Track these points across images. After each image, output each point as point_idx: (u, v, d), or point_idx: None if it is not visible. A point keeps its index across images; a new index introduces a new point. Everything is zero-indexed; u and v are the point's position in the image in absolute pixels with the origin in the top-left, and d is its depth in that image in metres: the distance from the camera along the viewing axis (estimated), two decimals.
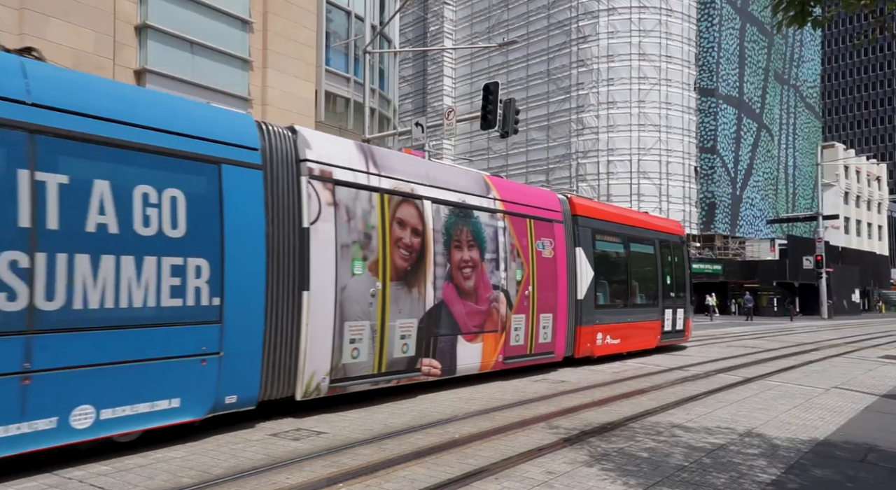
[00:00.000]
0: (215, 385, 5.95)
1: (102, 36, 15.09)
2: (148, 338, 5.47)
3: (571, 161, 46.59)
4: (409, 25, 55.38)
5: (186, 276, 5.73)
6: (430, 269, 8.48)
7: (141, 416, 5.41)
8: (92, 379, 5.09)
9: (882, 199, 75.91)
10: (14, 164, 4.72)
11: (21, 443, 4.69)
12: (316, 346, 6.95)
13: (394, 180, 8.10)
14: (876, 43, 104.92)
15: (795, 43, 69.17)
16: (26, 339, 4.73)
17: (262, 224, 6.39)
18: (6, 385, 4.62)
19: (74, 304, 4.99)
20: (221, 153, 6.10)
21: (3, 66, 4.87)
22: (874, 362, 14.27)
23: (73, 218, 5.02)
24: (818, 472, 5.31)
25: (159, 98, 6.13)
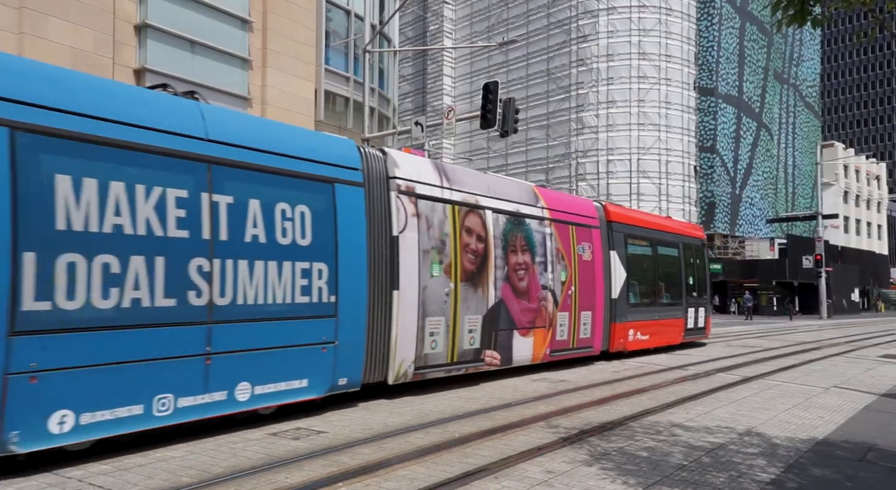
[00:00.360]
0: (332, 369, 7.16)
1: (102, 35, 15.07)
2: (286, 329, 6.68)
3: (571, 160, 46.58)
4: (409, 24, 55.35)
5: (312, 278, 6.93)
6: (492, 271, 9.65)
7: (280, 392, 6.61)
8: (249, 361, 6.31)
9: (881, 198, 75.93)
10: (198, 188, 5.93)
11: (204, 410, 5.92)
12: (404, 337, 8.15)
13: (462, 193, 9.28)
14: (875, 42, 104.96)
15: (795, 42, 69.16)
16: (208, 327, 5.96)
17: (363, 233, 7.62)
18: (195, 364, 5.86)
19: (238, 301, 6.20)
20: (335, 174, 7.34)
21: (187, 111, 6.12)
22: (873, 361, 14.28)
23: (236, 231, 6.22)
24: (817, 471, 5.31)
25: (292, 130, 7.49)
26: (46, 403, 4.90)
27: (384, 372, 8.01)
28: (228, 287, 6.11)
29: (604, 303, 12.48)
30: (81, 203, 5.14)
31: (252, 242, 6.35)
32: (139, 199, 5.51)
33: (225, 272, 6.08)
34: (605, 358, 12.85)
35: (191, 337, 5.84)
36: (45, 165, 4.99)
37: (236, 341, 6.19)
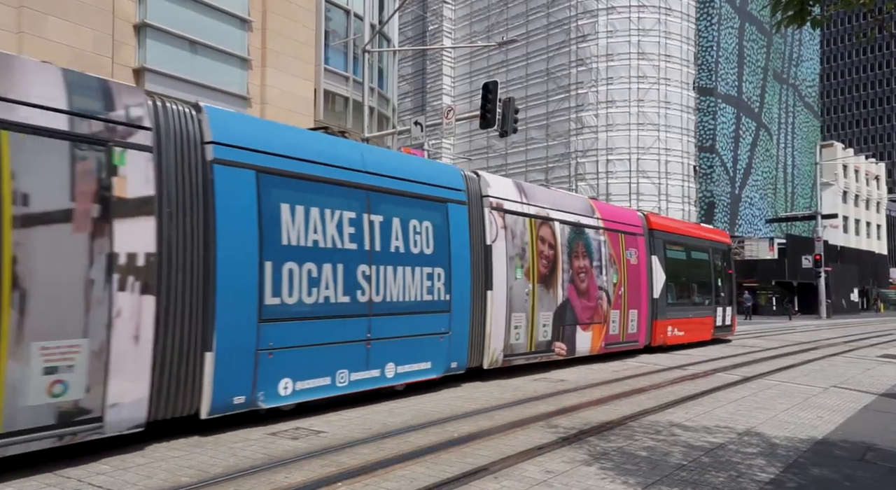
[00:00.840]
0: (447, 354, 8.85)
1: (101, 34, 15.07)
2: (417, 321, 8.34)
3: (571, 160, 46.59)
4: (409, 24, 55.33)
5: (434, 280, 8.60)
6: (560, 274, 11.20)
7: (413, 372, 8.30)
8: (394, 346, 8.00)
9: (881, 198, 75.96)
10: (362, 210, 7.62)
11: (366, 383, 7.64)
12: (496, 329, 9.73)
13: (536, 207, 10.82)
14: (874, 42, 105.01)
15: (794, 42, 69.21)
16: (368, 319, 7.65)
17: (467, 243, 9.24)
18: (361, 347, 7.59)
19: (386, 298, 7.87)
20: (447, 195, 9.01)
21: (353, 149, 7.94)
22: (872, 361, 14.29)
23: (385, 243, 7.88)
24: (816, 471, 5.31)
25: (418, 160, 10.01)
26: (277, 373, 6.64)
27: (481, 358, 9.63)
28: (381, 287, 7.84)
29: (647, 302, 13.97)
30: (295, 224, 6.88)
31: (395, 252, 8.07)
32: (328, 220, 7.24)
33: (378, 276, 7.81)
34: (648, 351, 14.27)
35: (358, 326, 7.57)
36: (273, 197, 6.66)
37: (386, 330, 7.89)
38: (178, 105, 6.15)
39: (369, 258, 7.69)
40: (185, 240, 5.93)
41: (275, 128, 7.28)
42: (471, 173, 9.94)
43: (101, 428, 5.22)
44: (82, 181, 5.18)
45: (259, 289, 6.43)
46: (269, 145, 6.72)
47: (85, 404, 5.10)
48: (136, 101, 5.67)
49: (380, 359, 7.80)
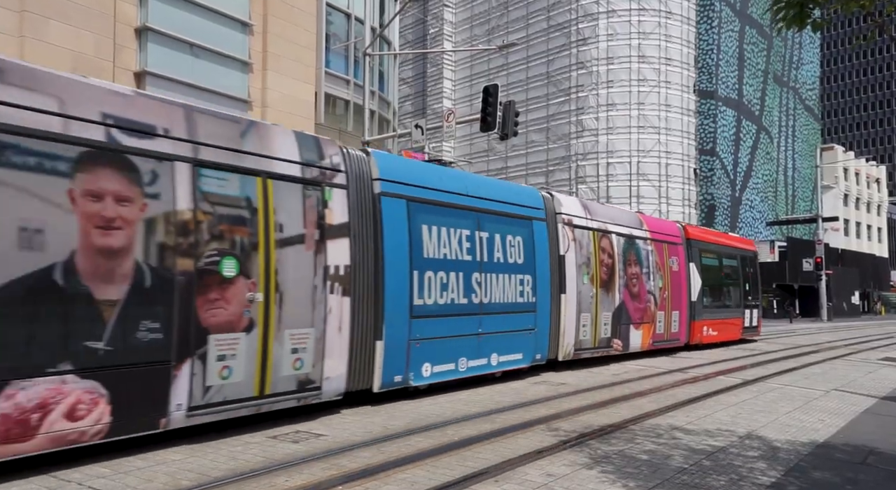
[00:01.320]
0: (534, 347, 10.67)
1: (102, 38, 15.09)
2: (512, 319, 10.13)
3: (571, 163, 46.61)
4: (409, 27, 55.43)
5: (524, 285, 10.41)
6: (617, 279, 12.95)
7: (509, 361, 10.11)
8: (496, 339, 9.80)
9: (881, 201, 75.92)
10: (473, 228, 9.48)
11: (476, 369, 9.41)
12: (568, 327, 11.51)
13: (597, 222, 12.63)
14: (875, 45, 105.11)
15: (794, 45, 69.30)
16: (479, 317, 9.43)
17: (547, 253, 11.07)
18: (474, 340, 9.41)
19: (491, 300, 9.69)
20: (532, 214, 10.86)
21: (463, 177, 9.98)
22: (874, 364, 14.26)
23: (490, 254, 9.75)
24: (818, 474, 5.30)
25: (508, 184, 11.93)
26: (421, 358, 8.47)
27: (556, 351, 11.39)
28: (488, 291, 9.62)
29: (686, 304, 15.66)
30: (431, 240, 8.67)
31: (497, 262, 9.87)
32: (451, 237, 9.02)
33: (486, 282, 9.60)
34: (686, 349, 16.00)
35: (473, 323, 9.35)
36: (417, 220, 8.52)
37: (491, 326, 9.65)
38: (356, 151, 8.11)
39: (480, 267, 9.55)
40: (364, 255, 7.79)
41: (414, 165, 9.38)
42: (546, 194, 11.81)
43: (320, 394, 7.14)
44: (309, 213, 7.09)
45: (410, 292, 8.33)
46: (412, 179, 8.68)
47: (311, 376, 7.01)
48: (335, 151, 7.61)
49: (487, 349, 9.66)
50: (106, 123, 5.46)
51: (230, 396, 6.21)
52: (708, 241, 17.33)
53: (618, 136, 45.72)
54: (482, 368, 9.55)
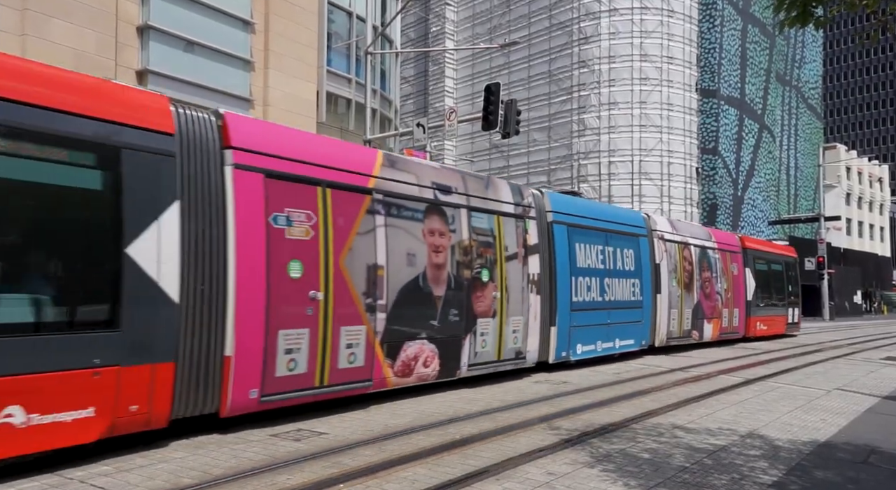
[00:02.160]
0: (640, 335, 13.73)
1: (104, 36, 15.10)
2: (627, 313, 13.15)
3: (573, 162, 46.56)
4: (411, 26, 55.39)
5: (634, 286, 13.40)
6: (695, 283, 15.97)
7: (625, 345, 13.08)
8: (617, 329, 12.75)
9: (884, 200, 75.77)
10: (604, 244, 12.50)
11: (604, 350, 12.37)
12: (662, 320, 14.50)
13: (680, 236, 15.66)
14: (878, 44, 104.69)
15: (797, 44, 69.14)
16: (608, 311, 12.44)
17: (648, 262, 14.02)
18: (605, 328, 12.35)
19: (615, 298, 12.59)
20: (637, 231, 13.88)
21: (596, 205, 15.20)
22: (876, 364, 14.24)
23: (614, 263, 12.67)
24: (819, 473, 5.29)
25: (621, 210, 15.40)
26: (576, 341, 11.55)
27: (654, 339, 14.32)
28: (613, 291, 12.66)
29: (744, 303, 18.52)
30: (581, 254, 11.79)
31: (618, 269, 12.90)
32: (592, 251, 12.13)
33: (612, 284, 12.66)
34: (744, 340, 18.76)
35: (605, 315, 12.44)
36: (573, 239, 11.66)
37: (615, 318, 12.75)
38: (536, 190, 11.48)
39: (608, 274, 12.60)
40: (544, 265, 10.93)
41: (569, 199, 12.57)
42: (644, 214, 14.96)
43: (525, 362, 10.42)
44: (518, 238, 10.33)
45: (570, 292, 11.49)
46: (569, 210, 11.92)
47: (521, 349, 10.30)
48: (529, 193, 10.99)
49: (613, 335, 12.79)
50: (433, 187, 8.84)
51: (484, 359, 9.53)
52: (759, 249, 20.48)
53: (620, 135, 45.66)
54: (609, 350, 12.66)
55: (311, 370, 6.96)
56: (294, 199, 6.87)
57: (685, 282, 15.44)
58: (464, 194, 9.33)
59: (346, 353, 7.36)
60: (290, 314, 6.76)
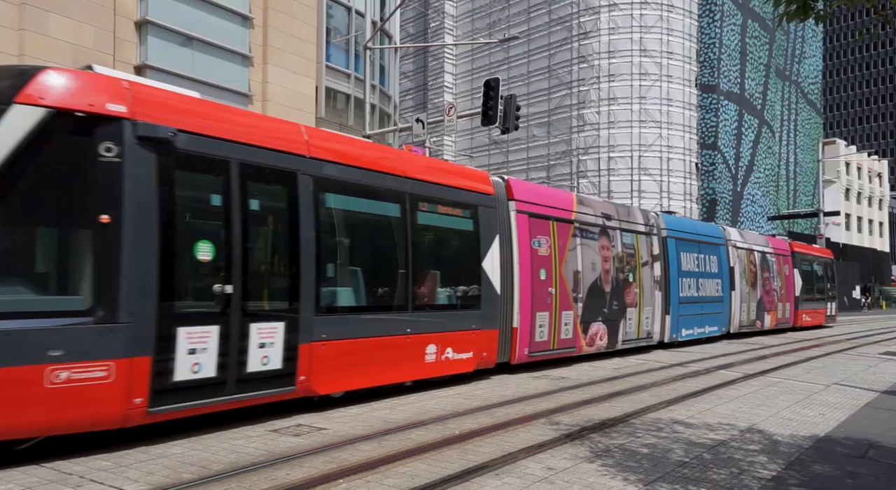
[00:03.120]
0: (721, 323, 17.08)
1: (102, 31, 15.06)
2: (713, 306, 16.66)
3: (572, 157, 46.52)
4: (410, 21, 55.24)
5: (717, 285, 16.81)
6: (758, 281, 19.39)
7: (711, 331, 16.62)
8: (707, 318, 16.47)
9: (883, 195, 75.76)
10: (699, 252, 16.23)
11: (700, 334, 16.22)
12: (735, 312, 17.88)
13: (747, 244, 19.04)
14: (878, 38, 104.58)
15: (797, 39, 69.00)
16: (701, 305, 16.14)
17: (726, 266, 17.48)
18: (699, 317, 16.13)
19: (705, 294, 16.39)
20: (718, 241, 17.28)
21: (690, 222, 18.94)
22: (875, 359, 14.27)
23: (705, 267, 16.32)
24: (818, 468, 5.30)
25: (707, 225, 18.97)
26: (682, 326, 15.19)
27: (729, 327, 17.74)
28: (703, 289, 15.97)
29: (793, 298, 22.15)
30: (683, 260, 15.24)
31: (707, 272, 16.27)
32: (690, 257, 15.46)
33: (703, 283, 16.00)
34: (792, 330, 22.25)
35: (698, 307, 15.79)
36: (678, 249, 15.11)
37: (705, 309, 16.09)
38: (654, 212, 14.74)
39: (701, 275, 16.02)
40: (661, 269, 14.35)
41: (675, 218, 16.25)
42: (722, 227, 18.32)
43: (652, 341, 13.97)
44: (649, 249, 14.00)
45: (678, 289, 14.91)
46: (674, 225, 15.35)
47: (650, 331, 13.86)
48: (655, 216, 14.63)
49: (704, 323, 16.26)
50: (602, 216, 12.61)
51: (630, 337, 13.24)
52: (805, 252, 24.11)
53: (619, 131, 45.61)
54: (701, 334, 16.19)
55: (549, 338, 10.99)
56: (540, 230, 10.88)
57: (751, 281, 18.94)
58: (618, 220, 13.14)
59: (564, 329, 11.33)
60: (541, 303, 10.73)
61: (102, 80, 5.62)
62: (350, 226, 7.78)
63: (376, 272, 8.24)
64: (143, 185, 5.51)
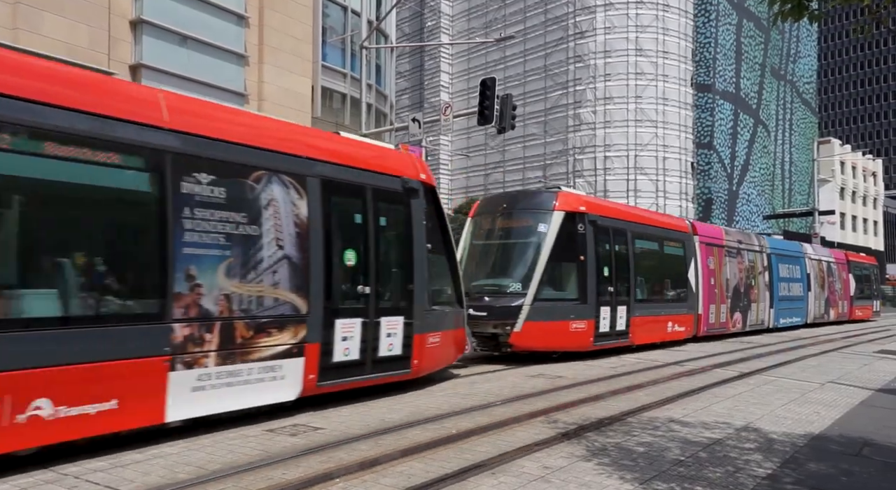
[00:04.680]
0: (802, 316, 23.83)
1: (97, 31, 15.01)
2: (797, 302, 23.20)
3: (568, 156, 46.57)
4: (406, 20, 55.21)
5: (800, 288, 23.47)
6: (825, 284, 25.53)
7: (795, 321, 23.03)
8: (794, 311, 22.92)
9: (877, 194, 76.04)
10: (787, 264, 22.89)
11: (791, 322, 22.73)
12: (811, 307, 24.32)
13: (818, 255, 25.38)
14: (872, 38, 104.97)
15: (792, 39, 69.21)
16: (789, 302, 22.58)
17: (805, 272, 23.86)
18: (789, 310, 22.57)
19: (790, 294, 22.69)
20: (799, 255, 23.96)
21: (782, 242, 25.75)
22: (869, 357, 14.33)
23: (791, 274, 22.81)
24: (813, 466, 5.32)
25: (790, 242, 25.82)
26: (780, 317, 21.77)
27: (808, 319, 23.66)
28: (791, 290, 22.52)
29: (849, 297, 28.19)
30: (779, 269, 21.70)
31: (791, 278, 22.53)
32: (783, 268, 22.10)
33: (792, 286, 22.55)
34: (849, 323, 27.70)
35: (789, 303, 22.25)
36: (778, 263, 21.77)
37: (794, 305, 22.79)
38: (762, 235, 22.67)
39: (790, 280, 21.93)
40: (769, 278, 20.78)
41: (775, 239, 24.37)
42: (801, 244, 24.19)
43: (763, 326, 20.51)
44: (761, 263, 20.55)
45: (777, 290, 21.26)
46: (775, 244, 22.29)
47: (763, 320, 20.58)
48: (763, 238, 21.97)
49: (792, 315, 22.41)
50: (736, 242, 19.05)
51: (752, 323, 19.38)
52: (857, 261, 30.35)
53: (615, 130, 45.69)
54: (792, 323, 22.20)
55: (715, 321, 17.21)
56: (709, 253, 17.03)
57: (821, 284, 25.12)
58: (745, 243, 19.48)
59: (722, 316, 17.62)
60: (711, 299, 16.90)
61: (576, 196, 12.86)
62: None
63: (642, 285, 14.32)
64: None
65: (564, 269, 11.98)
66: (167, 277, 5.60)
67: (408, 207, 8.25)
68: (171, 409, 5.65)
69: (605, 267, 12.59)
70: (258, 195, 6.43)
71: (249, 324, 6.25)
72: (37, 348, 4.84)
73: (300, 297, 6.72)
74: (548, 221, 11.78)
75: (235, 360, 6.14)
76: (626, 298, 13.17)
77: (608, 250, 12.85)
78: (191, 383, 5.78)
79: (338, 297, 7.25)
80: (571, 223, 11.99)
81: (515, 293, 11.39)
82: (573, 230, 11.98)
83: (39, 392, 4.80)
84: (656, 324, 14.35)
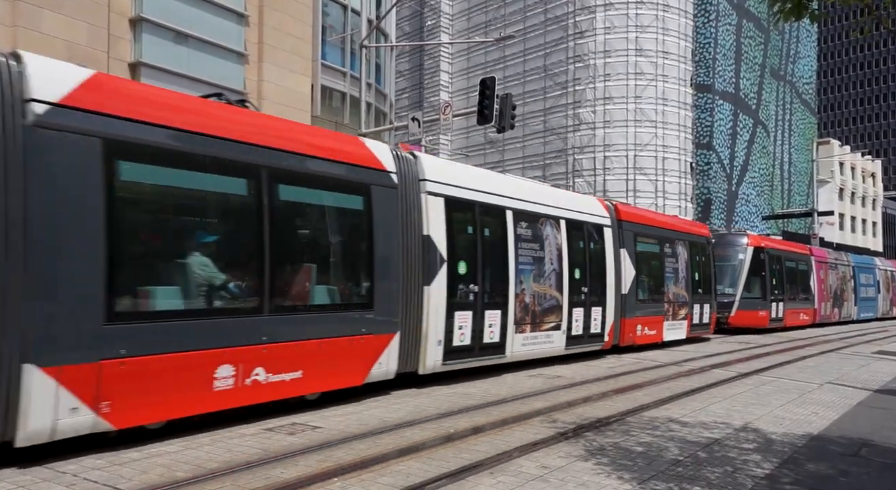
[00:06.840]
0: (874, 311, 32.13)
1: (97, 28, 14.97)
2: (870, 302, 31.31)
3: (568, 156, 46.57)
4: (406, 19, 55.18)
5: (873, 290, 31.86)
6: (890, 288, 34.41)
7: (868, 315, 31.31)
8: (868, 307, 31.17)
9: (877, 195, 76.09)
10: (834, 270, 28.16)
11: (864, 317, 30.58)
12: (880, 305, 32.78)
13: (885, 266, 34.91)
14: (871, 39, 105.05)
15: (791, 39, 69.21)
16: (864, 300, 30.74)
17: (876, 279, 32.50)
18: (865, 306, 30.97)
19: (868, 295, 31.46)
20: (873, 265, 33.48)
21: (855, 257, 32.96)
22: (867, 358, 14.34)
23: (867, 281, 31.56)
24: (812, 466, 5.33)
25: (867, 258, 35.58)
26: (861, 312, 30.16)
27: (878, 314, 31.98)
28: (867, 292, 30.72)
29: (882, 297, 32.36)
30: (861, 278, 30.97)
31: (867, 283, 30.82)
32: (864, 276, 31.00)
33: (867, 290, 30.63)
34: (881, 320, 32.03)
35: (864, 301, 30.26)
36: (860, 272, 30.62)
37: (869, 303, 30.80)
38: (847, 253, 29.78)
39: (866, 286, 30.23)
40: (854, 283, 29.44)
41: (855, 256, 30.48)
42: (872, 257, 33.28)
43: (850, 318, 28.65)
44: (849, 272, 28.94)
45: (860, 292, 29.77)
46: (856, 258, 30.42)
47: (850, 314, 28.92)
48: (849, 254, 30.55)
49: (868, 310, 30.48)
50: (835, 258, 28.12)
51: (843, 316, 27.74)
52: (889, 268, 34.93)
53: (615, 130, 45.67)
54: (867, 317, 29.96)
55: (830, 313, 26.17)
56: (820, 268, 25.36)
57: (886, 287, 32.45)
58: (842, 260, 27.57)
59: (831, 311, 25.93)
60: (827, 299, 25.99)
61: (760, 237, 22.45)
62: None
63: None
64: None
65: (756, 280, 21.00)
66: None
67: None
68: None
69: (773, 279, 21.61)
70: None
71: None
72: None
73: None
74: (745, 253, 20.98)
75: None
76: (783, 298, 22.02)
77: (777, 269, 22.00)
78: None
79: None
80: (757, 254, 21.17)
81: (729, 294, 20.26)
82: (759, 258, 21.14)
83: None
84: (796, 314, 23.16)
